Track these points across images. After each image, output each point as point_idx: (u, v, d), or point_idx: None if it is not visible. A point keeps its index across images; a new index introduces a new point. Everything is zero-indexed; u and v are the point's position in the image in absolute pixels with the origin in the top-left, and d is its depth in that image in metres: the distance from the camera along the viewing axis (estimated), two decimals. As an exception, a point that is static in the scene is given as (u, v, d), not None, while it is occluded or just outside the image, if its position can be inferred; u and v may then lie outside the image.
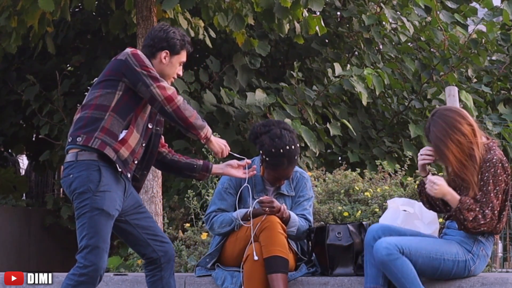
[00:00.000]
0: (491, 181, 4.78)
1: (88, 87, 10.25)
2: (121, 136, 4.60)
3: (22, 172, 13.26)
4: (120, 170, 4.58)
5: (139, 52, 4.70)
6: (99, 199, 4.49)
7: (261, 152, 5.31)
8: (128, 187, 4.71)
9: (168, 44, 4.81)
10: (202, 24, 8.71)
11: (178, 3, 7.67)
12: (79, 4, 9.90)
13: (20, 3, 7.73)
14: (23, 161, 13.64)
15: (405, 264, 4.72)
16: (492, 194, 4.77)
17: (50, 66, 10.50)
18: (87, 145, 4.53)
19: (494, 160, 4.79)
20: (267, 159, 5.28)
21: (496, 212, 4.78)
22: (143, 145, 4.76)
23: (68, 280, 4.51)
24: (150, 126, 4.80)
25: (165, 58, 4.81)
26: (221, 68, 9.60)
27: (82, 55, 10.38)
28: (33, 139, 11.81)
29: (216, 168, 5.12)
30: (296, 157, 5.29)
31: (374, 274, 4.85)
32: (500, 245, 9.34)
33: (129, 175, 4.68)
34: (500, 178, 4.79)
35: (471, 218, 4.77)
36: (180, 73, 4.91)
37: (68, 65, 10.77)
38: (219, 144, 4.83)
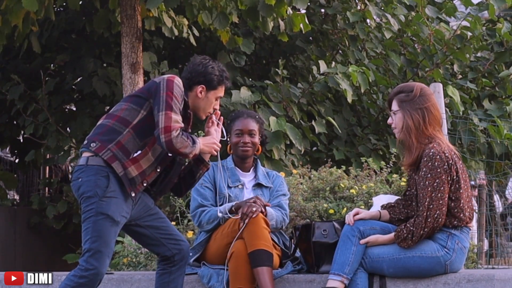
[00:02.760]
0: (428, 175, 4.80)
1: (73, 86, 10.23)
2: (134, 155, 4.63)
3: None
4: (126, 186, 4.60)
5: (177, 80, 4.67)
6: (105, 204, 4.54)
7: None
8: (136, 195, 4.72)
9: (205, 79, 4.82)
10: (186, 23, 8.70)
11: (162, 2, 7.66)
12: (64, 3, 9.86)
13: (4, 3, 7.68)
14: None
15: None
16: (429, 189, 4.79)
17: (34, 66, 10.44)
18: (98, 153, 4.59)
19: (431, 153, 4.81)
20: (226, 120, 5.51)
21: (432, 207, 4.77)
22: (158, 170, 4.76)
23: (68, 281, 4.55)
24: (170, 154, 4.76)
25: (201, 93, 4.83)
26: (206, 66, 9.57)
27: (67, 54, 10.33)
28: (20, 139, 11.74)
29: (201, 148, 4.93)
30: (256, 115, 5.70)
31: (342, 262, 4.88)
32: (486, 242, 9.37)
33: (133, 195, 4.66)
34: (438, 170, 4.79)
35: (410, 242, 4.83)
36: (217, 107, 4.91)
37: (52, 65, 10.72)
38: (208, 148, 4.82)
